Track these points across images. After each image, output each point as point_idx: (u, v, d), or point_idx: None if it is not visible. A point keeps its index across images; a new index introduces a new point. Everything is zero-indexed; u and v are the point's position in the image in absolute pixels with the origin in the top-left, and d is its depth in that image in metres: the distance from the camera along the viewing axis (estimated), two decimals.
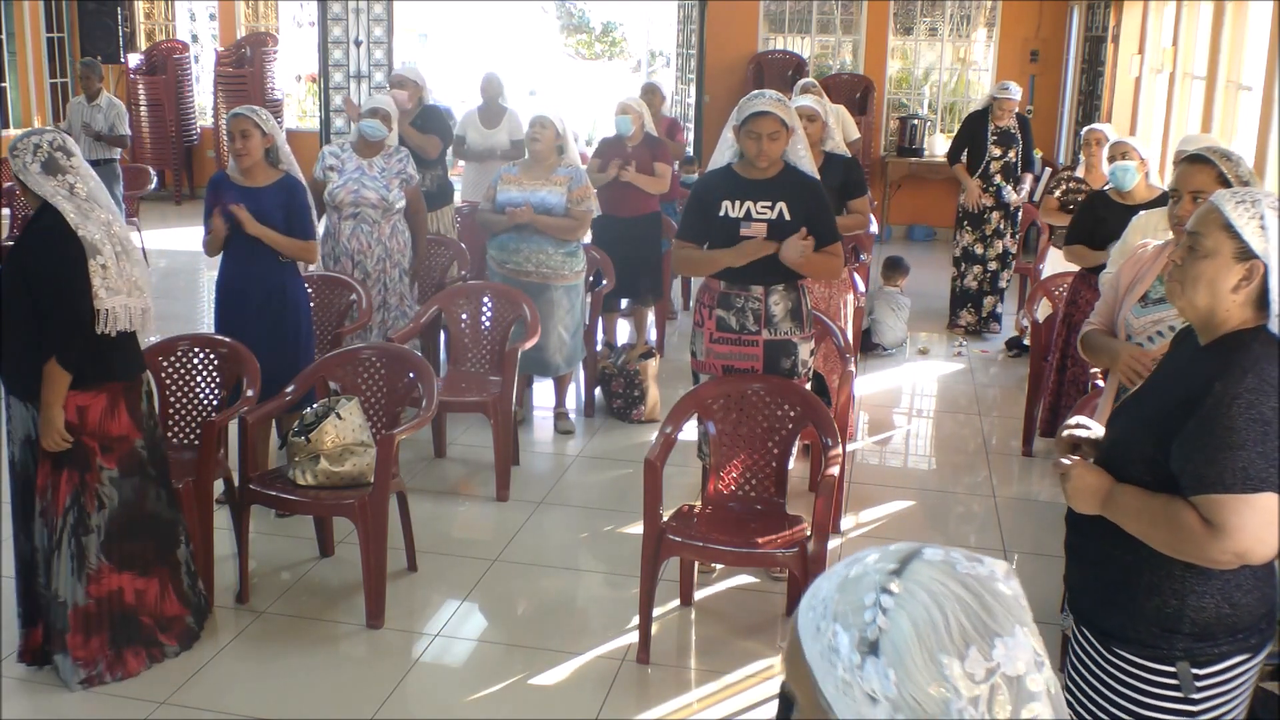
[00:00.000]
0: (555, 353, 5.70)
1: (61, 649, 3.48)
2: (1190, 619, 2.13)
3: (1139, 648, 2.18)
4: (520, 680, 3.68)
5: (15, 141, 3.43)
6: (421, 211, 5.88)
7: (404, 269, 5.73)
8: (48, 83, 12.01)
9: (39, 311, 3.33)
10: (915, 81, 12.34)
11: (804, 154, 4.16)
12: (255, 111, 4.68)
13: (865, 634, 0.95)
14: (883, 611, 0.95)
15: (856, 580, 0.98)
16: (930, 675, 0.93)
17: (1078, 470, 2.17)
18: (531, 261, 5.57)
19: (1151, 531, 2.09)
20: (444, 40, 21.29)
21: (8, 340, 3.40)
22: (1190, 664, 2.15)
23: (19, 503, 3.53)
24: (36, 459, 3.44)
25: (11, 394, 3.46)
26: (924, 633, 0.94)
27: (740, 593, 4.26)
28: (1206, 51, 6.66)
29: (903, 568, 0.98)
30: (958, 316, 8.02)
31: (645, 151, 6.64)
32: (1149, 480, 2.11)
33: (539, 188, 5.55)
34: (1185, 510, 2.03)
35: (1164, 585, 2.13)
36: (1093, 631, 2.27)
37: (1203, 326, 2.18)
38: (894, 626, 0.94)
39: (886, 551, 1.00)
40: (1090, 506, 2.17)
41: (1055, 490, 5.31)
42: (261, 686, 3.58)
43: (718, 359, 4.16)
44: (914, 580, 0.96)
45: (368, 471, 4.01)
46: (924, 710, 0.93)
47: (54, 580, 3.46)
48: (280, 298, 4.76)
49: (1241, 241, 2.09)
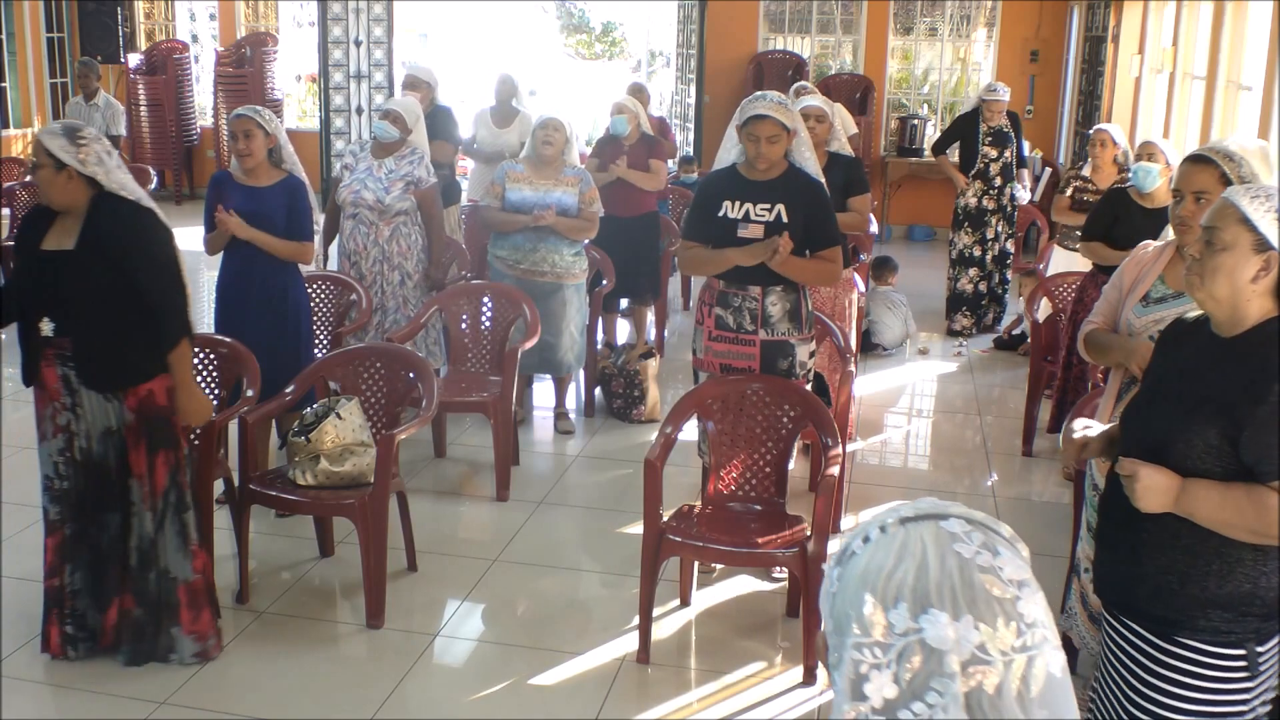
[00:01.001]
0: (567, 351, 5.72)
1: (174, 623, 3.59)
2: (1261, 599, 2.19)
3: (1209, 635, 2.22)
4: (520, 680, 3.68)
5: (77, 131, 3.43)
6: (436, 215, 5.62)
7: (407, 273, 5.55)
8: (48, 83, 12.01)
9: (137, 299, 3.42)
10: (915, 81, 12.34)
11: (809, 156, 4.16)
12: (258, 112, 4.68)
13: (849, 547, 1.14)
14: (864, 540, 1.12)
15: (890, 509, 1.14)
16: (852, 601, 1.09)
17: (1145, 470, 2.18)
18: (547, 262, 5.58)
19: (1236, 520, 2.14)
20: (444, 40, 21.28)
21: (94, 335, 3.43)
22: (1256, 643, 2.22)
23: (93, 494, 3.53)
24: (123, 448, 3.50)
25: (91, 388, 3.46)
26: (870, 570, 1.09)
27: (740, 593, 4.26)
28: (1206, 51, 6.66)
29: (915, 518, 1.12)
30: (954, 320, 8.01)
31: (642, 150, 6.65)
32: (1217, 471, 2.17)
33: (552, 188, 5.55)
34: (1269, 495, 2.11)
35: (1235, 571, 2.19)
36: (1147, 624, 2.29)
37: (1226, 319, 2.25)
38: (862, 553, 1.12)
39: (934, 501, 1.14)
40: (1162, 505, 2.19)
41: (1055, 490, 5.32)
42: (261, 686, 3.57)
43: (716, 357, 4.16)
44: (905, 530, 1.11)
45: (368, 471, 4.01)
46: (838, 624, 1.11)
47: (160, 560, 3.57)
48: (280, 298, 4.76)
49: (1259, 234, 2.19)
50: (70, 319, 3.41)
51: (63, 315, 3.41)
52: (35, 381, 3.51)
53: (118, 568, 3.59)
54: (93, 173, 3.40)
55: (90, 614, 3.61)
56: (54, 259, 3.41)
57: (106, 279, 3.40)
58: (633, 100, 6.97)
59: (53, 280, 3.40)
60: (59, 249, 3.41)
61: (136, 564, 3.58)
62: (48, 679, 3.55)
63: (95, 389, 3.47)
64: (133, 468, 3.53)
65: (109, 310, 3.42)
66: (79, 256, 3.39)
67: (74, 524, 3.55)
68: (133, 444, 3.51)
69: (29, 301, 3.44)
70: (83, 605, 3.60)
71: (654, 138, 6.95)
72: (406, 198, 5.46)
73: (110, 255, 3.40)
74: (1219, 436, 2.16)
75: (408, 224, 5.52)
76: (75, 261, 3.39)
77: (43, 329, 3.41)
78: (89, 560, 3.58)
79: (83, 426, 3.49)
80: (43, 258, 3.42)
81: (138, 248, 3.44)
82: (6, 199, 8.56)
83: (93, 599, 3.60)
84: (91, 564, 3.58)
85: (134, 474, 3.53)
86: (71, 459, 3.51)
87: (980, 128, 7.65)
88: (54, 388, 3.48)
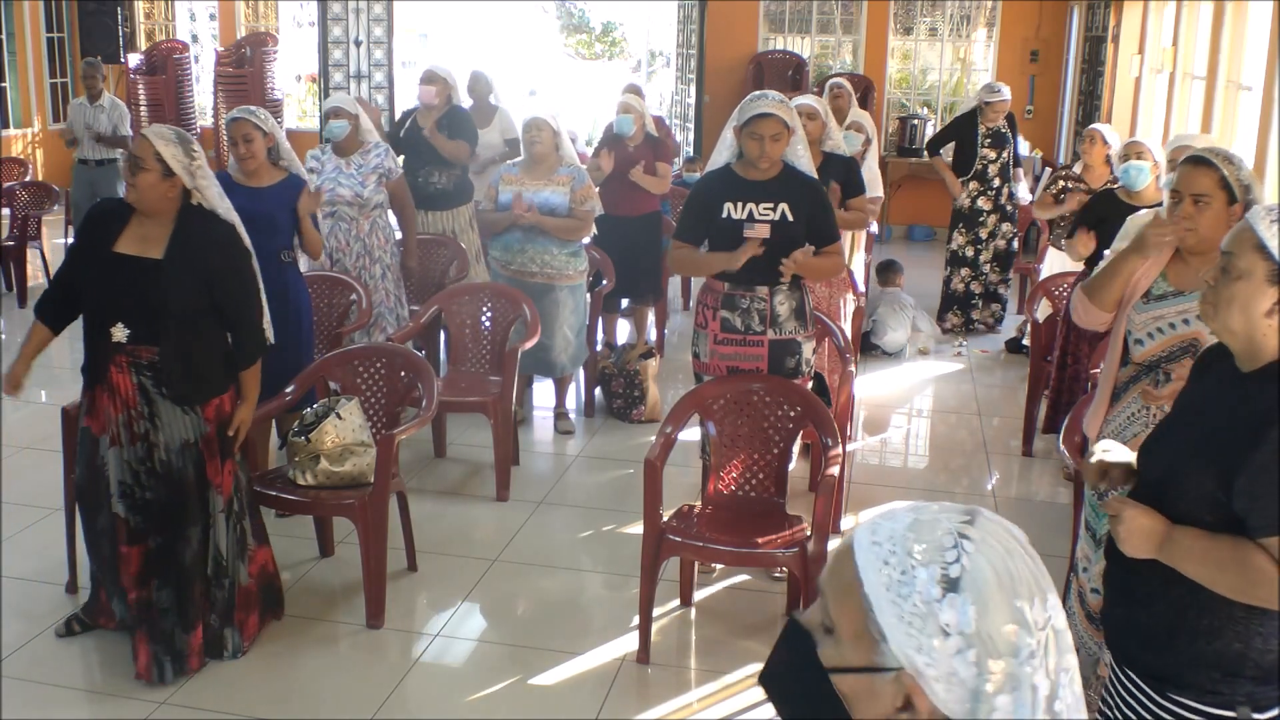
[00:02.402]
0: (560, 353, 5.71)
1: (230, 623, 3.64)
2: (1254, 662, 2.02)
3: (1198, 693, 2.06)
4: (520, 680, 3.68)
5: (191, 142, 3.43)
6: (408, 204, 5.84)
7: (386, 265, 5.70)
8: (48, 83, 12.02)
9: (220, 315, 3.47)
10: (915, 81, 12.35)
11: (803, 154, 4.17)
12: (254, 113, 4.68)
13: (947, 571, 1.01)
14: (965, 553, 1.01)
15: (930, 523, 1.04)
16: (1007, 615, 1.00)
17: (1129, 513, 2.04)
18: (536, 262, 5.57)
19: (1218, 576, 1.97)
20: (444, 40, 21.29)
21: (180, 347, 3.39)
22: (1250, 709, 2.04)
23: (176, 507, 3.48)
24: (199, 460, 3.49)
25: (168, 399, 3.41)
26: (1002, 577, 1.01)
27: (740, 593, 4.26)
28: (1206, 51, 6.66)
29: (973, 519, 1.05)
30: (944, 319, 8.02)
31: (647, 151, 6.63)
32: (1209, 520, 1.99)
33: (541, 188, 5.54)
34: (1255, 553, 1.92)
35: (1226, 629, 2.01)
36: (1141, 675, 2.15)
37: (1242, 351, 2.07)
38: (975, 567, 1.01)
39: (946, 505, 1.07)
40: (1145, 550, 2.04)
41: (1055, 490, 5.32)
42: (261, 686, 3.57)
43: (723, 360, 4.15)
44: (987, 530, 1.04)
45: (368, 471, 4.01)
46: (996, 648, 1.00)
47: (230, 569, 3.62)
48: (281, 298, 4.75)
49: (1276, 263, 2.00)
50: (151, 328, 3.35)
51: (142, 323, 3.35)
52: (102, 384, 3.42)
53: (201, 585, 3.57)
54: (198, 186, 3.39)
55: (178, 635, 3.53)
56: (136, 265, 3.35)
57: (193, 292, 3.37)
58: (639, 100, 6.93)
59: (134, 287, 3.34)
60: (142, 255, 3.37)
61: (214, 576, 3.58)
62: (48, 679, 3.54)
63: (178, 402, 3.43)
64: (212, 479, 3.52)
65: (193, 323, 3.40)
66: (167, 267, 3.35)
67: (159, 537, 3.48)
68: (209, 455, 3.50)
69: (101, 304, 3.39)
70: (169, 625, 3.52)
71: (659, 139, 6.90)
72: (381, 190, 5.64)
73: (199, 269, 3.38)
74: (1215, 481, 1.97)
75: (383, 216, 5.70)
76: (163, 271, 3.34)
77: (115, 334, 3.35)
78: (176, 578, 3.52)
79: (162, 438, 3.43)
80: (120, 261, 3.36)
81: (226, 264, 3.44)
82: (6, 199, 8.56)
83: (179, 618, 3.53)
84: (178, 582, 3.52)
85: (213, 486, 3.53)
86: (153, 469, 3.45)
87: (979, 129, 7.63)
88: (129, 395, 3.40)
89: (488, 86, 7.60)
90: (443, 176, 6.65)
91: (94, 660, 3.67)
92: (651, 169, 6.58)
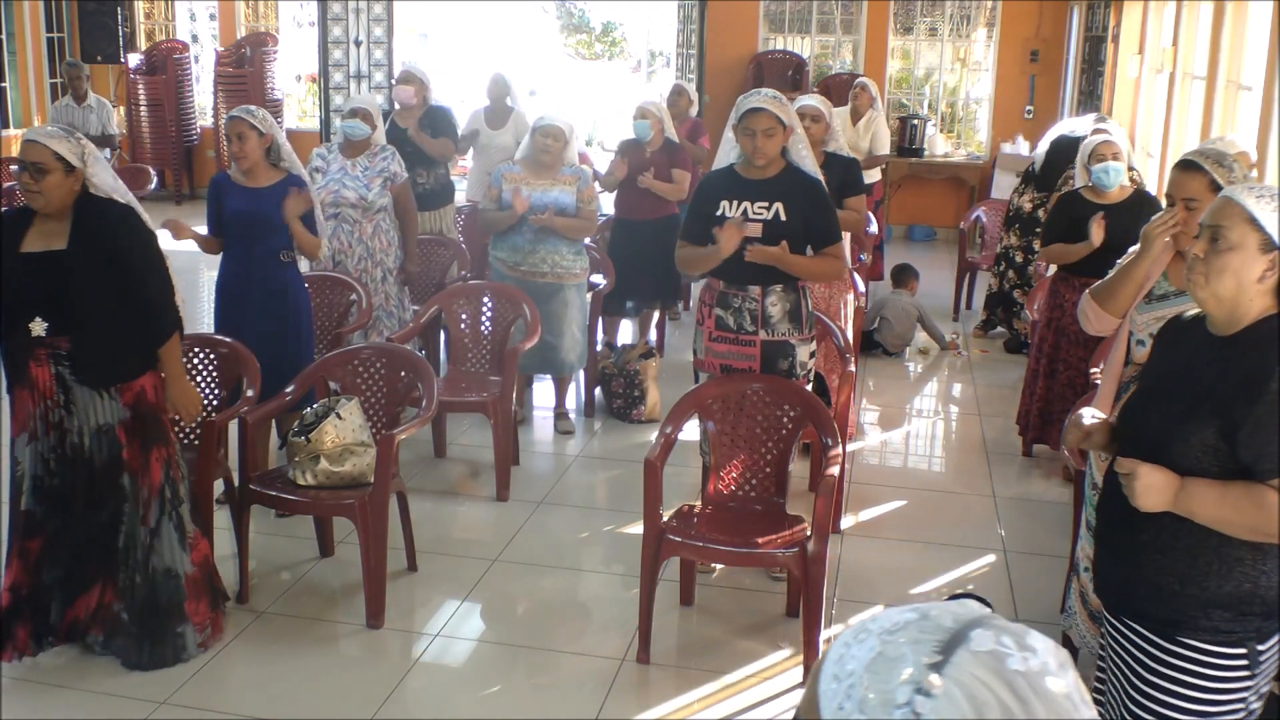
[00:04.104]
0: (569, 351, 5.71)
1: (182, 620, 3.62)
2: (1261, 599, 2.20)
3: (1210, 634, 2.23)
4: (520, 680, 3.69)
5: (71, 133, 3.46)
6: (411, 209, 5.81)
7: (388, 268, 5.69)
8: (48, 83, 12.01)
9: (130, 296, 3.47)
10: (915, 81, 12.34)
11: (805, 154, 4.17)
12: (251, 112, 4.68)
13: None
14: (915, 716, 0.84)
15: (892, 664, 0.88)
16: None
17: (1144, 469, 2.19)
18: (547, 263, 5.56)
19: (1235, 518, 2.15)
20: (444, 40, 21.28)
21: (91, 332, 3.44)
22: (1257, 642, 2.23)
23: (83, 490, 3.53)
24: (115, 444, 3.51)
25: (84, 384, 3.47)
26: None
27: (740, 593, 4.26)
28: (1206, 51, 6.65)
29: (945, 659, 0.86)
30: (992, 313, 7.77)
31: (663, 157, 6.55)
32: (1215, 470, 2.18)
33: (549, 188, 5.53)
34: (1269, 493, 2.11)
35: (1235, 570, 2.20)
36: (1149, 625, 2.30)
37: (1224, 317, 2.26)
38: None
39: (928, 624, 0.90)
40: (1160, 504, 2.20)
41: (1055, 490, 5.31)
42: (261, 686, 3.58)
43: (716, 358, 4.16)
44: (955, 679, 0.85)
45: (368, 471, 4.01)
46: None
47: (163, 557, 3.59)
48: (280, 298, 4.76)
49: (1265, 234, 2.20)
50: (65, 318, 3.41)
51: (57, 314, 3.41)
52: (22, 383, 3.48)
53: (95, 563, 3.59)
54: (93, 172, 3.43)
55: (54, 609, 3.60)
56: (44, 259, 3.41)
57: (101, 277, 3.42)
58: (657, 105, 6.76)
59: (44, 281, 3.40)
60: (48, 249, 3.41)
61: (124, 561, 3.58)
62: (48, 679, 3.54)
63: (92, 385, 3.48)
64: (127, 464, 3.54)
65: (104, 307, 3.45)
66: (72, 256, 3.41)
67: (56, 520, 3.55)
68: (126, 441, 3.53)
69: (16, 303, 3.43)
70: (47, 600, 3.59)
71: (676, 144, 6.75)
72: (385, 193, 5.62)
73: (104, 253, 3.42)
74: (1216, 435, 2.17)
75: (386, 219, 5.68)
76: (69, 261, 3.40)
77: (34, 330, 3.40)
78: (67, 559, 3.57)
79: (75, 423, 3.50)
80: (28, 259, 3.41)
81: (130, 245, 3.48)
82: (6, 199, 8.56)
83: (62, 594, 3.59)
84: (68, 562, 3.57)
85: (128, 470, 3.54)
86: (63, 455, 3.51)
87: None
88: (46, 386, 3.47)
89: (506, 89, 7.61)
90: (429, 176, 6.66)
91: (94, 660, 3.66)
92: (666, 175, 6.54)
